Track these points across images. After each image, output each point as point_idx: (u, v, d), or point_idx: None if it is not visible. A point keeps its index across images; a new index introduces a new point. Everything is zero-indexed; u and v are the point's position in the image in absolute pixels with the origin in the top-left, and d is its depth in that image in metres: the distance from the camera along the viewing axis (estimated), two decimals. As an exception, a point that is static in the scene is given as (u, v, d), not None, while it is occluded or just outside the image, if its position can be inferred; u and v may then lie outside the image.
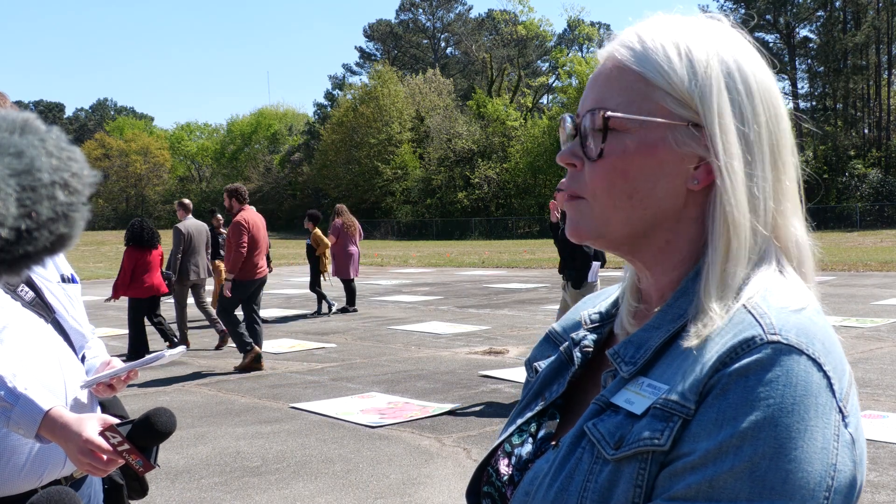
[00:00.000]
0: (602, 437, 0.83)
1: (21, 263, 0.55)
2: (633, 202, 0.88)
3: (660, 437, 0.78)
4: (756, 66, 0.89)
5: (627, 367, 0.87)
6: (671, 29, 0.89)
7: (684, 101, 0.86)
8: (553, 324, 1.13)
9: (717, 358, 0.78)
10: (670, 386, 0.81)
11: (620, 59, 0.89)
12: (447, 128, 60.91)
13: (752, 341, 0.78)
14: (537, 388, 1.03)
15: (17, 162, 0.55)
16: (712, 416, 0.77)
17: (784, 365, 0.76)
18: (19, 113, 0.58)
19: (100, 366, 2.09)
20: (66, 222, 0.57)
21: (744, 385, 0.76)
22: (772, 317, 0.80)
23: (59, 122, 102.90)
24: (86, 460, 1.74)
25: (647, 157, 0.87)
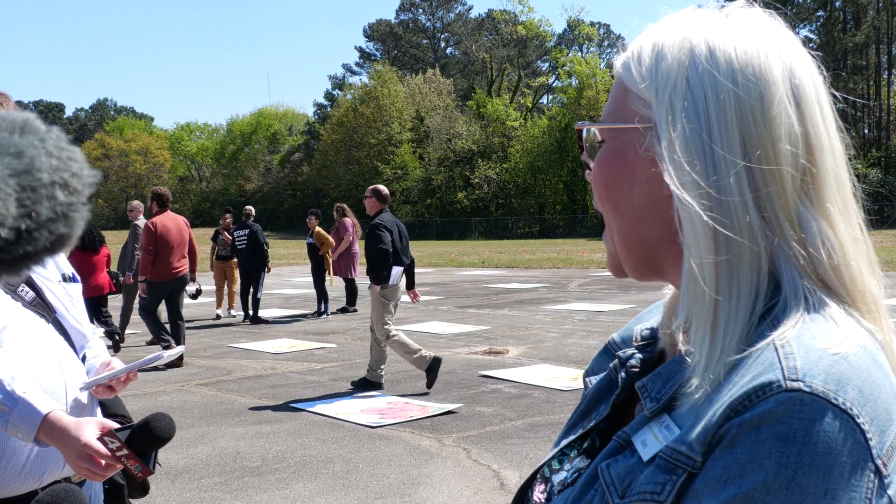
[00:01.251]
0: (612, 482, 0.75)
1: (21, 263, 0.55)
2: (620, 213, 0.83)
3: (660, 491, 0.70)
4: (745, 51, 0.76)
5: (651, 403, 0.78)
6: (659, 28, 0.82)
7: (646, 99, 0.79)
8: (614, 333, 1.04)
9: (730, 405, 0.68)
10: (681, 432, 0.72)
11: (615, 68, 0.86)
12: (447, 128, 60.93)
13: (768, 387, 0.67)
14: (585, 408, 0.95)
15: (17, 162, 0.55)
16: (717, 472, 0.67)
17: (804, 417, 0.66)
18: (19, 113, 0.58)
19: (100, 366, 2.08)
20: (66, 222, 0.57)
21: (755, 438, 0.66)
22: (798, 358, 0.69)
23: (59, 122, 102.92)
24: (84, 465, 1.74)
25: (618, 164, 0.82)
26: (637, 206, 0.81)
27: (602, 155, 0.84)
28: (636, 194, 0.81)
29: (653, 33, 0.82)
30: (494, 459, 5.47)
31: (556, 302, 14.97)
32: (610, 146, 0.83)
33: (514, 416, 6.57)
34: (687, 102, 0.76)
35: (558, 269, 23.74)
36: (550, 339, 10.48)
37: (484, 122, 60.80)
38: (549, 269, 24.21)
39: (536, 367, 8.61)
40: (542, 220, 57.29)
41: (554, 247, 38.28)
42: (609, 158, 0.83)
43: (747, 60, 0.76)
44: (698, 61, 0.76)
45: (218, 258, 14.38)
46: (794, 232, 0.74)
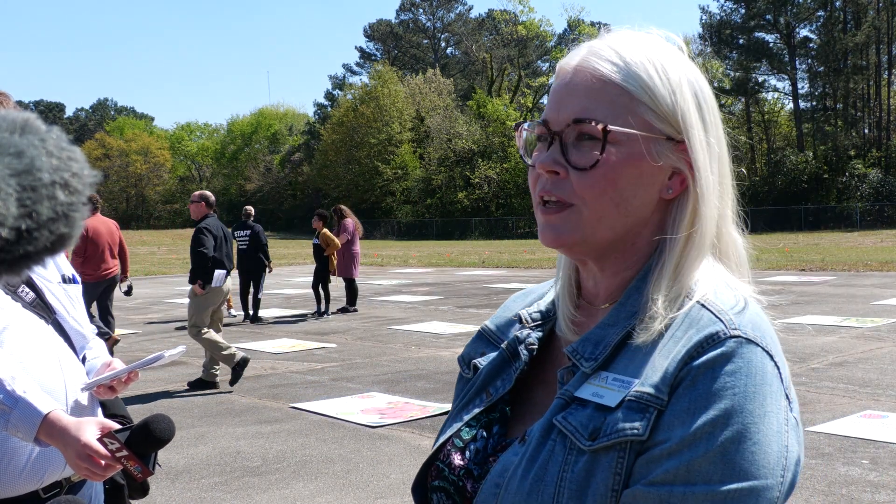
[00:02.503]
0: (575, 430, 0.87)
1: (21, 263, 0.55)
2: (619, 210, 0.94)
3: (638, 427, 0.84)
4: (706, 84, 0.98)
5: (588, 362, 0.92)
6: (644, 47, 0.95)
7: (665, 117, 0.93)
8: (485, 322, 1.16)
9: (686, 352, 0.86)
10: (639, 379, 0.87)
11: (604, 72, 0.93)
12: (447, 128, 60.91)
13: (715, 336, 0.86)
14: (480, 385, 1.06)
15: (17, 162, 0.55)
16: (685, 406, 0.83)
17: (745, 357, 0.85)
18: (20, 113, 0.58)
19: (100, 367, 2.08)
20: (67, 222, 0.57)
21: (711, 376, 0.84)
22: (729, 314, 0.88)
23: (59, 122, 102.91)
24: (84, 465, 1.74)
25: (633, 167, 0.93)
26: (637, 206, 0.95)
27: (617, 156, 0.93)
28: (640, 195, 0.94)
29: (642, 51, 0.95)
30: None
31: (557, 302, 14.95)
32: (625, 150, 0.93)
33: (514, 416, 6.57)
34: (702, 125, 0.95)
35: (558, 269, 23.71)
36: (550, 339, 10.47)
37: (484, 122, 60.77)
38: (549, 269, 24.19)
39: (536, 367, 8.60)
40: (542, 220, 57.20)
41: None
42: (626, 161, 0.93)
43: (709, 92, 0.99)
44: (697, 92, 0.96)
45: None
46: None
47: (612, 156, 0.92)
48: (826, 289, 15.24)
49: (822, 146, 50.32)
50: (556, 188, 0.95)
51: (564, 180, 0.95)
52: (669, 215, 0.96)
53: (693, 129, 0.94)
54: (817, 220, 45.47)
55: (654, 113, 0.93)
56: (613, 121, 0.92)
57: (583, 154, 0.93)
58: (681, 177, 0.95)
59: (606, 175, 0.93)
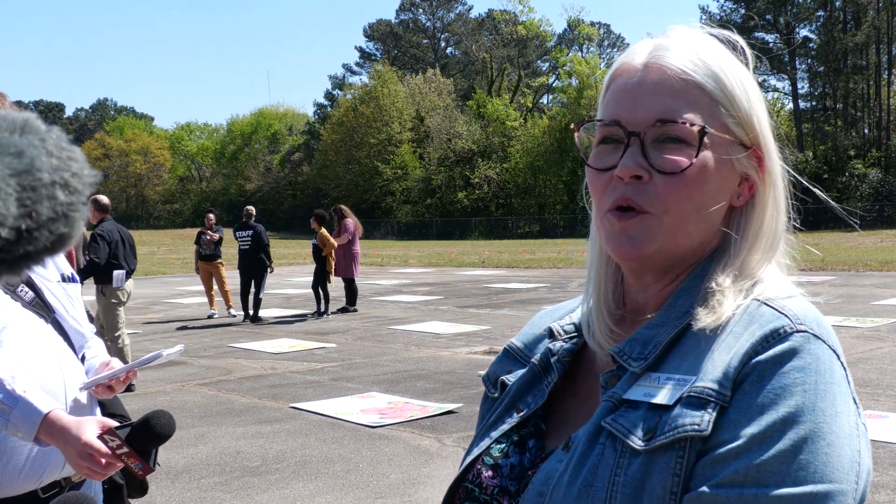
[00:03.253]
0: (628, 430, 0.83)
1: (21, 263, 0.55)
2: (699, 216, 0.90)
3: (700, 422, 0.79)
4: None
5: (637, 362, 0.88)
6: (714, 48, 0.93)
7: (742, 122, 0.91)
8: (511, 339, 1.13)
9: (750, 346, 0.82)
10: (697, 376, 0.83)
11: (684, 70, 0.89)
12: (447, 128, 60.92)
13: (781, 330, 0.82)
14: (509, 403, 1.02)
15: (17, 162, 0.55)
16: (752, 402, 0.79)
17: (813, 353, 0.81)
18: (19, 113, 0.58)
19: (99, 366, 2.08)
20: (67, 222, 0.57)
21: (780, 371, 0.80)
22: (791, 309, 0.85)
23: (59, 122, 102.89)
24: (85, 464, 1.74)
25: (718, 172, 0.90)
26: (712, 213, 0.91)
27: (708, 161, 0.90)
28: (717, 201, 0.91)
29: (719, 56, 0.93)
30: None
31: (556, 302, 14.88)
32: (714, 154, 0.90)
33: (514, 416, 6.57)
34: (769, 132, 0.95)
35: (558, 269, 23.74)
36: (550, 339, 10.47)
37: (484, 122, 60.77)
38: (549, 268, 24.20)
39: (536, 367, 8.60)
40: (542, 220, 57.28)
41: (554, 247, 38.28)
42: (716, 165, 0.90)
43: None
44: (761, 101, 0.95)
45: (202, 258, 14.36)
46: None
47: (702, 160, 0.89)
48: (826, 289, 15.22)
49: (822, 146, 50.32)
50: (637, 194, 0.88)
51: (647, 185, 0.88)
52: (733, 221, 0.93)
53: (768, 135, 0.93)
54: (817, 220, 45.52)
55: (731, 117, 0.91)
56: (705, 124, 0.89)
57: (667, 157, 0.88)
58: (749, 183, 0.93)
59: (696, 179, 0.88)
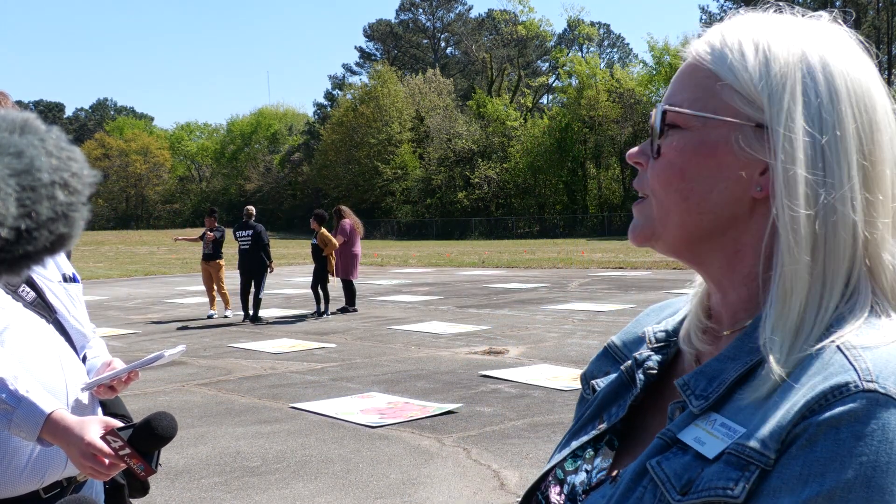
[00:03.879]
0: (667, 479, 0.75)
1: (21, 263, 0.55)
2: (689, 204, 0.82)
3: (734, 487, 0.70)
4: (852, 66, 0.79)
5: (698, 401, 0.79)
6: (755, 25, 0.82)
7: (752, 99, 0.79)
8: (612, 336, 1.04)
9: (805, 404, 0.70)
10: (747, 429, 0.73)
11: (696, 55, 0.84)
12: (447, 128, 60.93)
13: (845, 388, 0.69)
14: (595, 410, 0.94)
15: (17, 162, 0.55)
16: (796, 471, 0.69)
17: (881, 418, 0.68)
18: (19, 113, 0.58)
19: (101, 366, 2.08)
20: (66, 222, 0.56)
21: (835, 437, 0.68)
22: (868, 360, 0.71)
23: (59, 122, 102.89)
24: (88, 464, 1.74)
25: (705, 157, 0.81)
26: (714, 202, 0.81)
27: (686, 143, 0.82)
28: (717, 190, 0.81)
29: (747, 30, 0.82)
30: (494, 459, 5.47)
31: (556, 302, 14.97)
32: (697, 137, 0.81)
33: (514, 416, 6.57)
34: (806, 112, 0.77)
35: (558, 269, 23.74)
36: (550, 339, 10.48)
37: (484, 122, 60.78)
38: (549, 269, 24.21)
39: (536, 367, 8.61)
40: (542, 220, 57.29)
41: (554, 247, 38.28)
42: (696, 149, 0.81)
43: (859, 85, 0.79)
44: (815, 75, 0.78)
45: (202, 258, 14.40)
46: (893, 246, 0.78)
47: (676, 142, 0.82)
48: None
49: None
50: (638, 180, 0.87)
51: (645, 171, 0.86)
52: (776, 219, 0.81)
53: (781, 113, 0.77)
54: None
55: (740, 95, 0.79)
56: (692, 105, 0.82)
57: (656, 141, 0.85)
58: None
59: (672, 164, 0.82)
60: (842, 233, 0.76)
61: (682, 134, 0.82)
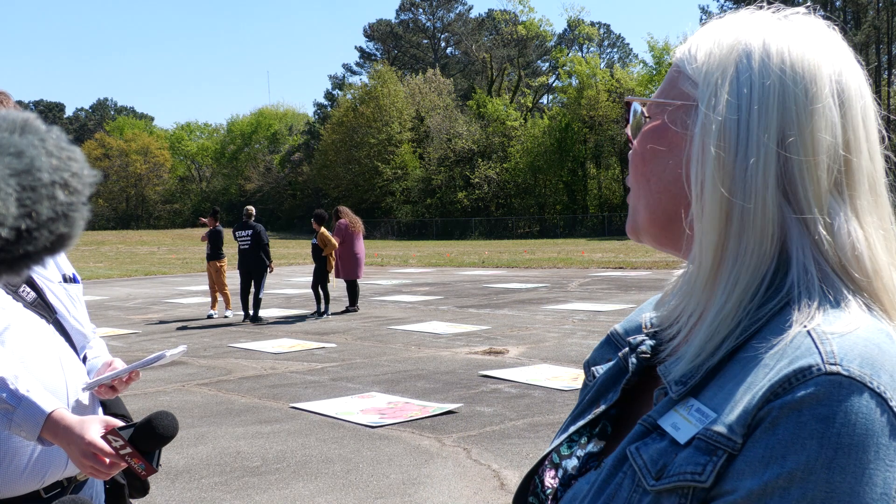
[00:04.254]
0: (644, 465, 0.77)
1: (21, 263, 0.55)
2: (651, 186, 0.86)
3: (701, 472, 0.72)
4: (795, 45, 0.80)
5: (677, 387, 0.80)
6: (720, 23, 0.87)
7: (695, 81, 0.84)
8: (615, 325, 1.07)
9: (769, 387, 0.71)
10: (718, 414, 0.74)
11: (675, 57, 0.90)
12: (447, 128, 60.94)
13: (808, 371, 0.70)
14: (594, 395, 0.97)
15: (17, 162, 0.55)
16: (759, 453, 0.70)
17: (843, 401, 0.69)
18: (19, 113, 0.58)
19: (101, 366, 2.08)
20: (66, 222, 0.56)
21: (796, 420, 0.69)
22: (834, 344, 0.72)
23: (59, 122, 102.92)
24: (88, 463, 1.74)
25: (658, 140, 0.86)
26: (668, 181, 0.85)
27: (645, 130, 0.88)
28: (670, 169, 0.84)
29: (713, 27, 0.88)
30: (494, 459, 5.47)
31: (556, 302, 14.97)
32: (654, 122, 0.87)
33: (514, 416, 6.58)
34: (731, 86, 0.80)
35: (558, 269, 23.75)
36: (550, 339, 10.48)
37: (484, 122, 60.79)
38: (549, 269, 24.21)
39: (536, 367, 8.61)
40: (542, 220, 57.30)
41: (554, 247, 38.29)
42: (650, 134, 0.87)
43: (799, 58, 0.80)
44: (752, 52, 0.81)
45: (207, 257, 14.44)
46: (823, 218, 0.78)
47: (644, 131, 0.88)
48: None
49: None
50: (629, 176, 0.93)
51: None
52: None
53: (708, 89, 0.81)
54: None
55: (689, 80, 0.85)
56: (657, 96, 0.88)
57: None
58: None
59: (636, 150, 0.89)
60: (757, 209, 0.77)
61: (647, 122, 0.88)
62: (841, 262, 0.78)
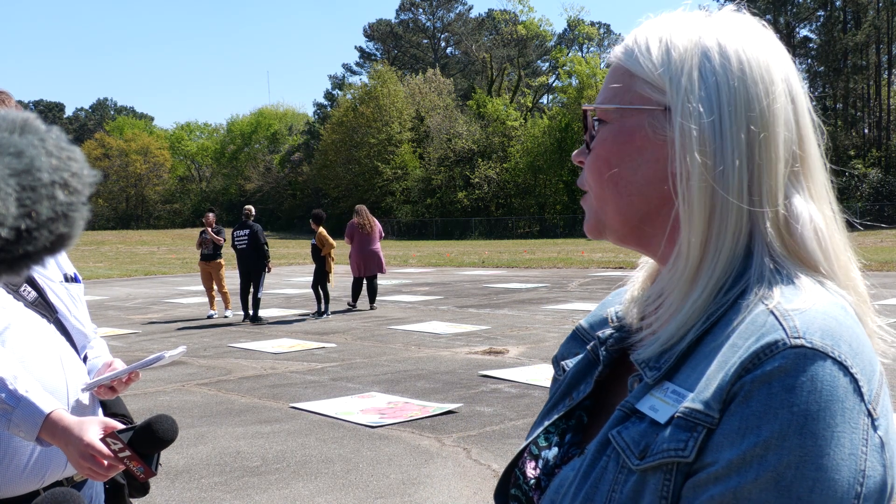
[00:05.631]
0: (627, 446, 0.81)
1: (21, 263, 0.55)
2: (619, 189, 0.89)
3: (683, 447, 0.77)
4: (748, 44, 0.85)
5: (652, 372, 0.85)
6: (663, 23, 0.90)
7: (657, 85, 0.86)
8: (581, 320, 1.11)
9: (740, 364, 0.76)
10: (693, 393, 0.79)
11: (614, 58, 0.92)
12: (447, 128, 60.93)
13: (774, 346, 0.76)
14: (565, 389, 1.01)
15: (17, 161, 0.55)
16: (735, 425, 0.75)
17: (808, 370, 0.74)
18: (19, 113, 0.58)
19: (102, 367, 2.08)
20: (66, 222, 0.56)
21: (767, 392, 0.74)
22: (795, 319, 0.78)
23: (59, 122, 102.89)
24: (86, 465, 1.74)
25: (624, 143, 0.88)
26: (639, 183, 0.88)
27: (606, 134, 0.89)
28: (641, 172, 0.88)
29: (654, 28, 0.90)
30: (494, 459, 5.47)
31: (556, 302, 14.97)
32: (616, 127, 0.89)
33: (514, 416, 6.58)
34: (702, 91, 0.84)
35: (558, 269, 23.74)
36: (550, 339, 10.48)
37: (484, 122, 60.78)
38: (549, 268, 24.20)
39: (536, 366, 8.60)
40: (542, 220, 57.29)
41: (554, 247, 38.28)
42: (615, 138, 0.89)
43: (755, 58, 0.85)
44: (711, 55, 0.85)
45: (202, 258, 14.39)
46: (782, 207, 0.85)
47: (603, 135, 0.90)
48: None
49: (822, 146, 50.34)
50: (580, 178, 0.95)
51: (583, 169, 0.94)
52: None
53: (680, 93, 0.84)
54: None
55: (649, 84, 0.87)
56: (611, 101, 0.90)
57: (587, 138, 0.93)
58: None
59: (599, 155, 0.90)
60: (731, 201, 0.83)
61: (605, 127, 0.90)
62: (799, 246, 0.84)
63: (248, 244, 13.53)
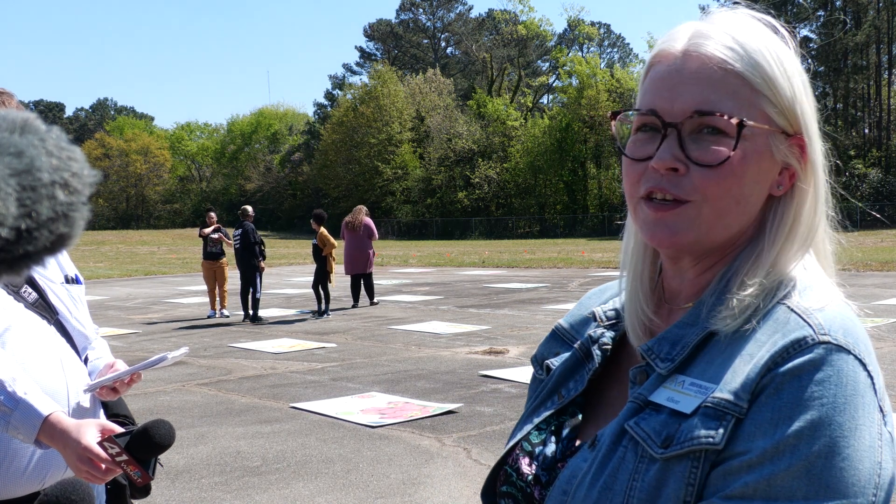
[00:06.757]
0: (648, 436, 0.83)
1: (21, 263, 0.55)
2: (739, 208, 0.89)
3: (714, 435, 0.79)
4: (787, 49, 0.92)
5: (664, 363, 0.87)
6: (757, 33, 0.90)
7: (785, 112, 0.89)
8: (559, 320, 1.12)
9: (770, 357, 0.80)
10: (718, 385, 0.82)
11: (724, 59, 0.87)
12: (447, 128, 60.93)
13: (803, 341, 0.80)
14: (552, 387, 1.02)
15: (17, 161, 0.55)
16: (767, 416, 0.78)
17: (835, 365, 0.79)
18: (20, 112, 0.58)
19: (103, 368, 2.08)
20: (67, 222, 0.56)
21: (798, 385, 0.78)
22: (819, 317, 0.82)
23: (59, 121, 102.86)
24: (84, 468, 1.74)
25: (757, 163, 0.88)
26: (754, 203, 0.90)
27: (746, 152, 0.88)
28: (757, 192, 0.90)
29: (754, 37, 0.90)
30: (494, 459, 5.44)
31: (557, 302, 14.97)
32: (751, 145, 0.88)
33: (514, 416, 6.57)
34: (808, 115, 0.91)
35: (558, 269, 23.74)
36: (550, 339, 10.47)
37: (484, 122, 60.77)
38: (549, 268, 24.20)
39: (537, 366, 8.60)
40: (542, 220, 57.29)
41: (554, 247, 38.28)
42: (751, 157, 0.88)
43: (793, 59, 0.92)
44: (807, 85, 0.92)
45: (206, 257, 14.40)
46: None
47: (741, 152, 0.87)
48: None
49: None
50: (673, 186, 0.87)
51: (683, 177, 0.87)
52: (771, 210, 0.91)
53: (812, 124, 0.91)
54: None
55: (773, 106, 0.88)
56: (740, 113, 0.86)
57: (705, 149, 0.87)
58: (790, 171, 0.90)
59: (735, 172, 0.87)
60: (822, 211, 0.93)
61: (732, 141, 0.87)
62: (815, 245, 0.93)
63: (241, 243, 13.58)
